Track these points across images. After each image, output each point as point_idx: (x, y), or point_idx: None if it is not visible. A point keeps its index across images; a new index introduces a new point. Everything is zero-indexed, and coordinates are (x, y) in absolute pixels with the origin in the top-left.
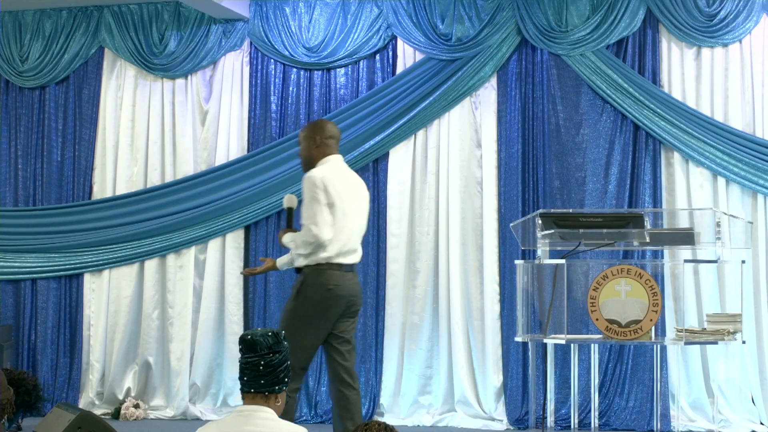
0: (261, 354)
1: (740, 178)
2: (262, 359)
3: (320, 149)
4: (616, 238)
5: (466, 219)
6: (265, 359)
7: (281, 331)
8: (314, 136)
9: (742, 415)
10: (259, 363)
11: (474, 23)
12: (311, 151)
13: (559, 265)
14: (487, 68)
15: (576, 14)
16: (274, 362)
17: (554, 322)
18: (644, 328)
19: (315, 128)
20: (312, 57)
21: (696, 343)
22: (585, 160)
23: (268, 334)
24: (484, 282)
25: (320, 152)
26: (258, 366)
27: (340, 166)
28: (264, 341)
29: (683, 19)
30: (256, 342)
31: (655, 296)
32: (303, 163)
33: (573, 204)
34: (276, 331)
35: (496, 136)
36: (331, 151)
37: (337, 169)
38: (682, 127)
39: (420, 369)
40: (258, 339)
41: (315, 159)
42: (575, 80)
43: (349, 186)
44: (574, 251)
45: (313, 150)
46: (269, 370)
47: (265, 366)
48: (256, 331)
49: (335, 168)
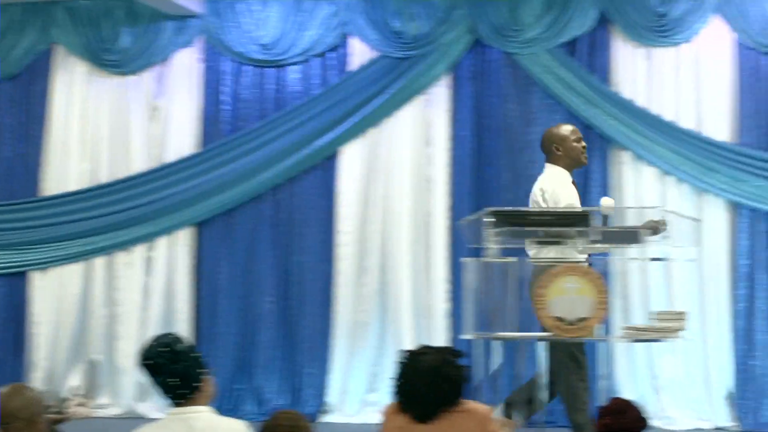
0: (164, 374)
1: (689, 176)
2: (168, 378)
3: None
4: (565, 236)
5: (417, 217)
6: (171, 378)
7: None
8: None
9: (686, 412)
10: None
11: (427, 21)
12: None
13: (509, 263)
14: (440, 66)
15: (529, 13)
16: (180, 371)
17: (503, 320)
18: (591, 325)
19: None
20: (265, 54)
21: (642, 340)
22: (536, 158)
23: (162, 350)
24: (433, 280)
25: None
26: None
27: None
28: (161, 360)
29: (635, 19)
30: (156, 366)
31: (602, 294)
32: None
33: (524, 202)
34: (169, 341)
35: (448, 135)
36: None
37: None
38: (632, 126)
39: (368, 367)
40: (157, 362)
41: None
42: (527, 79)
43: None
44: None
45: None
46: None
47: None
48: (151, 351)
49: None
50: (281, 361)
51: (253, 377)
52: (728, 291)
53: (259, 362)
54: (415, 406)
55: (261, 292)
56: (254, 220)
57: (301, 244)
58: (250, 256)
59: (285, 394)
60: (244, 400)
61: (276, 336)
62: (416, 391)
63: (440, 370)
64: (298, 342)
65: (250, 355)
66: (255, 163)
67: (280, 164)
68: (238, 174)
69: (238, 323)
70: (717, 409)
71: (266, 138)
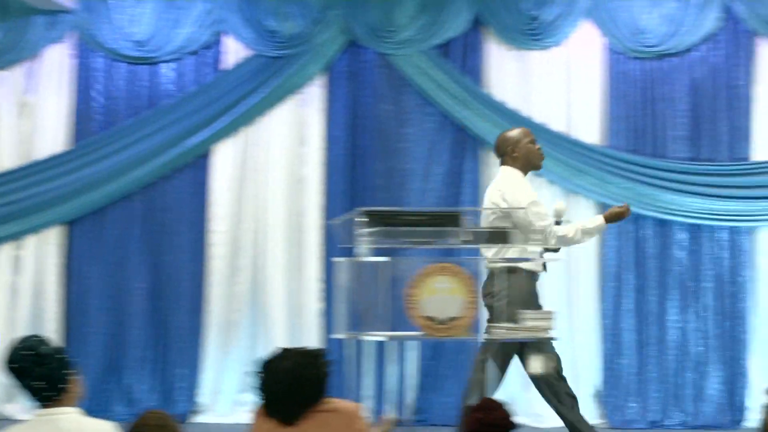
0: (29, 378)
1: (559, 178)
2: (33, 382)
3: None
4: (436, 237)
5: (290, 216)
6: (36, 381)
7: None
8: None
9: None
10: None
11: (302, 21)
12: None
13: (381, 262)
14: (314, 66)
15: (403, 14)
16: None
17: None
18: (462, 325)
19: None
20: (138, 51)
21: (511, 339)
22: (409, 159)
23: (25, 353)
24: (306, 279)
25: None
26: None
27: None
28: (26, 364)
29: (507, 22)
30: (20, 370)
31: (472, 294)
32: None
33: (397, 202)
34: (33, 344)
35: (322, 134)
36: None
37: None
38: (504, 127)
39: (240, 366)
40: (22, 366)
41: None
42: (401, 80)
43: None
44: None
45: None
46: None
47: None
48: (15, 355)
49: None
50: (152, 361)
51: (123, 377)
52: (596, 290)
53: (130, 362)
54: (279, 410)
55: (132, 291)
56: (125, 218)
57: (172, 244)
58: (121, 255)
59: (156, 394)
60: (114, 400)
61: (147, 336)
62: (277, 395)
63: (298, 373)
64: (169, 342)
65: (120, 354)
66: (127, 161)
67: (152, 162)
68: (110, 172)
69: (109, 323)
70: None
71: (138, 136)
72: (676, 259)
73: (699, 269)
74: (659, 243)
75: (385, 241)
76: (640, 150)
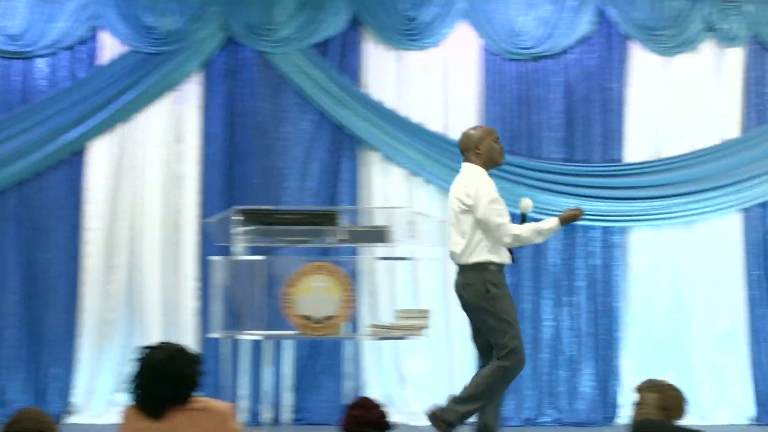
0: None
1: (436, 177)
2: None
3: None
4: (313, 235)
5: (166, 214)
6: None
7: None
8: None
9: None
10: None
11: (180, 18)
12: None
13: (257, 261)
14: (192, 63)
15: (282, 13)
16: None
17: (252, 319)
18: (337, 323)
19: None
20: (12, 45)
21: (387, 338)
22: (287, 157)
23: None
24: (182, 278)
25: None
26: None
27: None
28: None
29: (385, 22)
30: None
31: (348, 293)
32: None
33: (274, 201)
34: None
35: (200, 132)
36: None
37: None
38: (381, 127)
39: (115, 366)
40: None
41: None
42: (280, 78)
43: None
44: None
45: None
46: None
47: None
48: None
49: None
50: (25, 361)
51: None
52: None
53: (2, 362)
54: (145, 403)
55: (5, 289)
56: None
57: (47, 241)
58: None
59: (29, 394)
60: None
61: (20, 335)
62: (144, 387)
63: (167, 366)
64: (42, 341)
65: None
66: (0, 157)
67: (26, 159)
68: None
69: None
70: None
71: (12, 132)
72: (550, 258)
73: (572, 269)
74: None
75: (261, 240)
76: (515, 151)
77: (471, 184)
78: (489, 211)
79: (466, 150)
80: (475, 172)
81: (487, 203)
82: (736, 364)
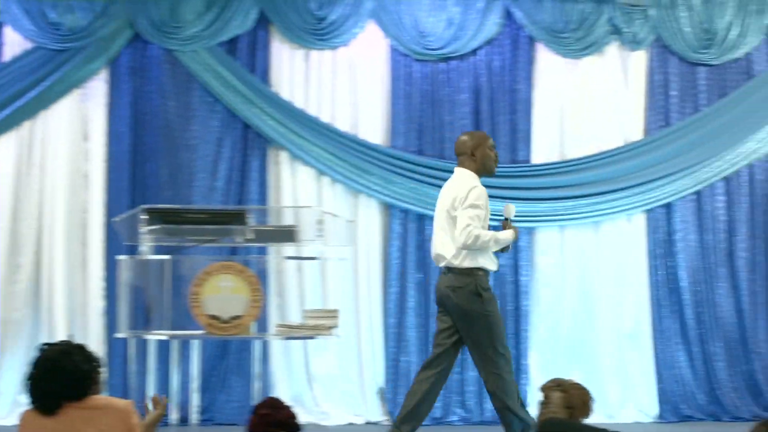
0: None
1: (344, 177)
2: None
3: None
4: (220, 235)
5: (72, 213)
6: None
7: None
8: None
9: (340, 408)
10: None
11: (85, 14)
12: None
13: (164, 261)
14: (98, 60)
15: (189, 10)
16: None
17: (159, 318)
18: (245, 323)
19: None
20: None
21: (295, 338)
22: (195, 156)
23: None
24: (89, 277)
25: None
26: None
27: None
28: None
29: (294, 21)
30: None
31: (256, 292)
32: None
33: (183, 200)
34: None
35: (106, 130)
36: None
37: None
38: (290, 126)
39: (20, 367)
40: None
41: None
42: (187, 76)
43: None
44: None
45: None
46: None
47: None
48: None
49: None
50: None
51: None
52: (380, 289)
53: None
54: (40, 399)
55: None
56: None
57: None
58: None
59: None
60: None
61: None
62: (38, 382)
63: (60, 361)
64: None
65: None
66: None
67: None
68: None
69: None
70: (369, 405)
71: None
72: None
73: None
74: None
75: (169, 239)
76: (424, 151)
77: (462, 189)
78: (465, 212)
79: (462, 154)
80: (468, 178)
81: (467, 206)
82: (640, 363)
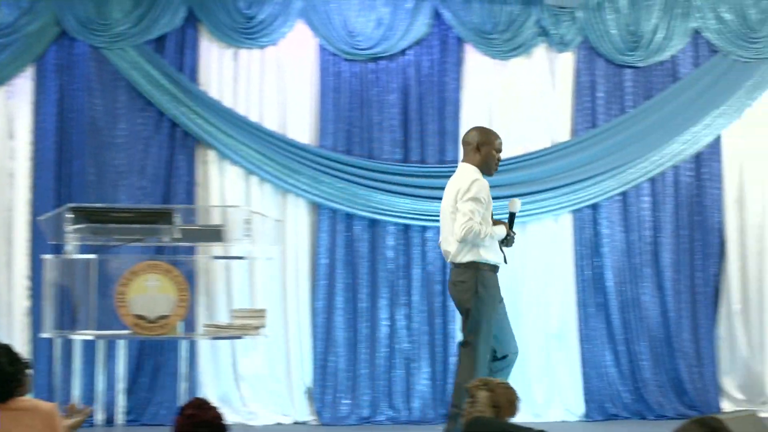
0: None
1: (272, 177)
2: None
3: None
4: (147, 234)
5: None
6: None
7: None
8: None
9: (268, 407)
10: None
11: (11, 10)
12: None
13: (90, 260)
14: (24, 58)
15: (117, 8)
16: None
17: (84, 318)
18: (172, 323)
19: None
20: None
21: (222, 337)
22: (122, 155)
23: None
24: (14, 277)
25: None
26: None
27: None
28: None
29: (222, 20)
30: None
31: (183, 292)
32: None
33: (110, 199)
34: None
35: (31, 128)
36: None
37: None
38: (218, 125)
39: None
40: None
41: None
42: (115, 74)
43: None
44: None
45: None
46: None
47: None
48: None
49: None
50: None
51: None
52: (308, 289)
53: None
54: None
55: None
56: None
57: None
58: None
59: None
60: None
61: None
62: None
63: None
64: None
65: None
66: None
67: None
68: None
69: None
70: (297, 404)
71: None
72: (387, 257)
73: (409, 268)
74: (370, 242)
75: (94, 238)
76: (352, 151)
77: (465, 181)
78: (465, 204)
79: (467, 145)
80: (470, 171)
81: (468, 199)
82: (567, 363)
